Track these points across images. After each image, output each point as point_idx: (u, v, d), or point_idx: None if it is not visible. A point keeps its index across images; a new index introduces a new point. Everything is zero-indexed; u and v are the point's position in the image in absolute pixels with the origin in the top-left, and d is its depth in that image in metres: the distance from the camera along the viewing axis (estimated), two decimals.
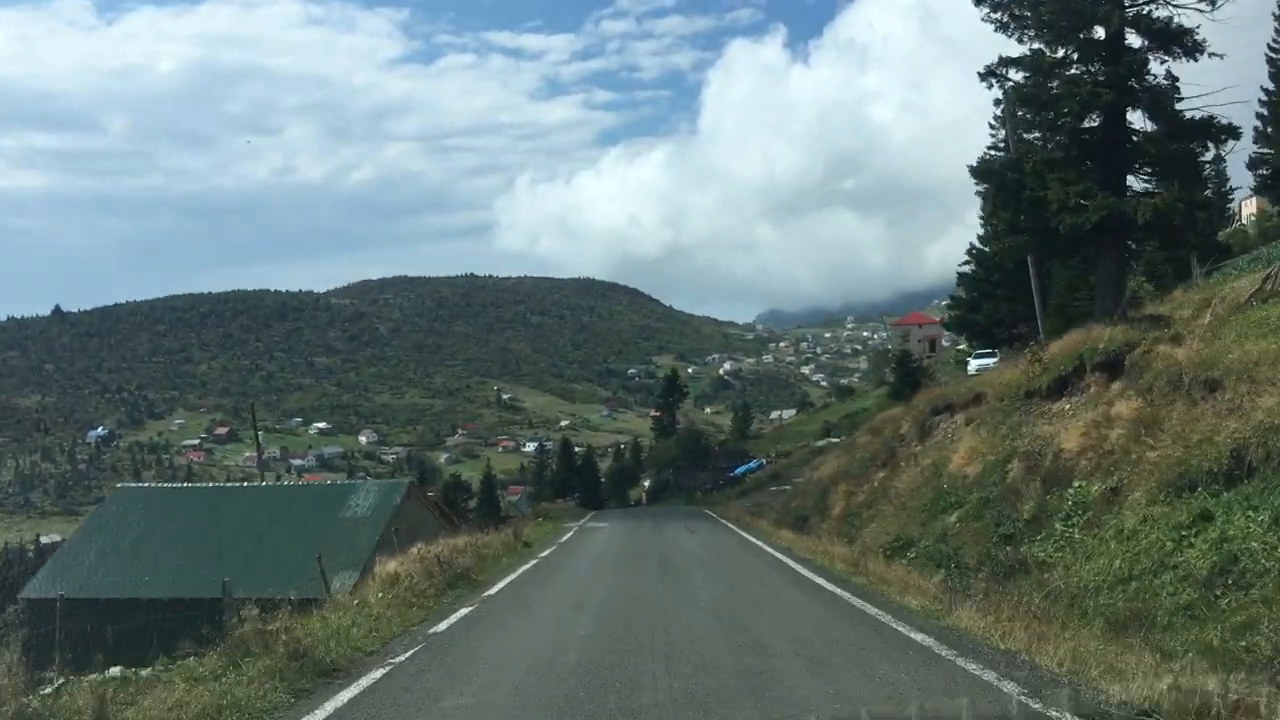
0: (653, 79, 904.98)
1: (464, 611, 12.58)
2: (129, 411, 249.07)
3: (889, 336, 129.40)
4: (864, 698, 6.93)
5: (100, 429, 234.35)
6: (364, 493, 29.56)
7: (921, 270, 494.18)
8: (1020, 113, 24.55)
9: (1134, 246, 25.09)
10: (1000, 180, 23.82)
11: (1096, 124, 23.84)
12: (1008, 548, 18.02)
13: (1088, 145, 23.77)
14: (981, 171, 25.52)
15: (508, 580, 16.17)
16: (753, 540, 24.72)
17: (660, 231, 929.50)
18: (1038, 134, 26.02)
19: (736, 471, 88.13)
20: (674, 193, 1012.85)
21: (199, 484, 66.83)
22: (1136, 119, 23.90)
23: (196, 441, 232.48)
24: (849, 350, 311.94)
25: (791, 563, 17.86)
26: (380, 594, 13.35)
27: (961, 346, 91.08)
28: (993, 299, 47.09)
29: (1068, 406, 22.51)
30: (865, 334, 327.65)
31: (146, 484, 41.02)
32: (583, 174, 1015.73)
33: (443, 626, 11.39)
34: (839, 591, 13.27)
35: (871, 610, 11.35)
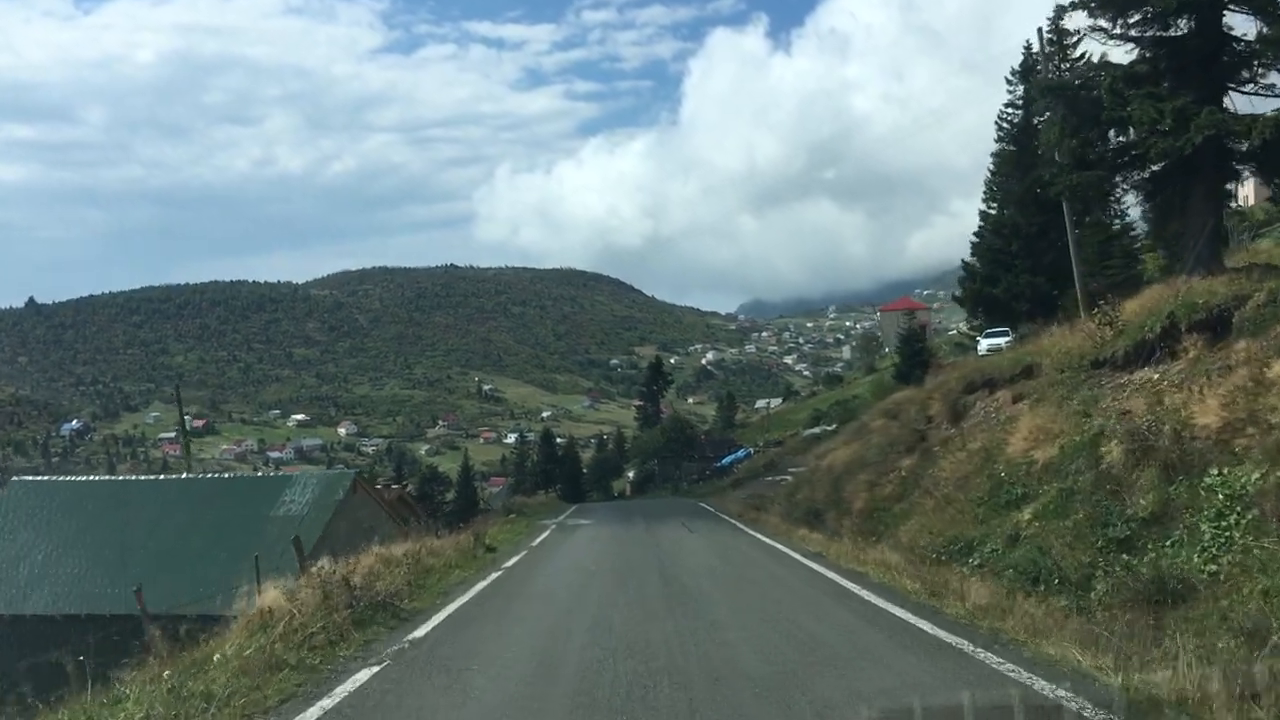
0: (634, 69, 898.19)
1: (361, 678, 7.71)
2: (104, 404, 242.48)
3: (878, 322, 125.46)
4: None
5: (75, 422, 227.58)
6: (301, 487, 24.48)
7: (902, 260, 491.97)
8: (1094, 22, 19.72)
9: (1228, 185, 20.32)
10: (1072, 99, 19.11)
11: (1188, 30, 19.12)
12: (1125, 555, 13.36)
13: (1180, 55, 19.04)
14: (1049, 88, 20.68)
15: (449, 611, 11.29)
16: (770, 542, 19.92)
17: (642, 222, 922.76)
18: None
19: (724, 461, 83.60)
20: (655, 183, 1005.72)
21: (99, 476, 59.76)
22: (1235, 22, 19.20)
23: (172, 434, 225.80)
24: (831, 340, 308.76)
25: (838, 578, 13.08)
26: (237, 644, 8.52)
27: (955, 330, 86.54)
28: (1011, 270, 42.50)
29: (1156, 375, 17.92)
30: (848, 323, 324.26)
31: (46, 476, 35.70)
32: (564, 164, 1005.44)
33: (308, 717, 6.56)
34: (949, 638, 8.44)
35: (1069, 700, 6.44)
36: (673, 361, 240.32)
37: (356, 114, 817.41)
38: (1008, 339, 42.90)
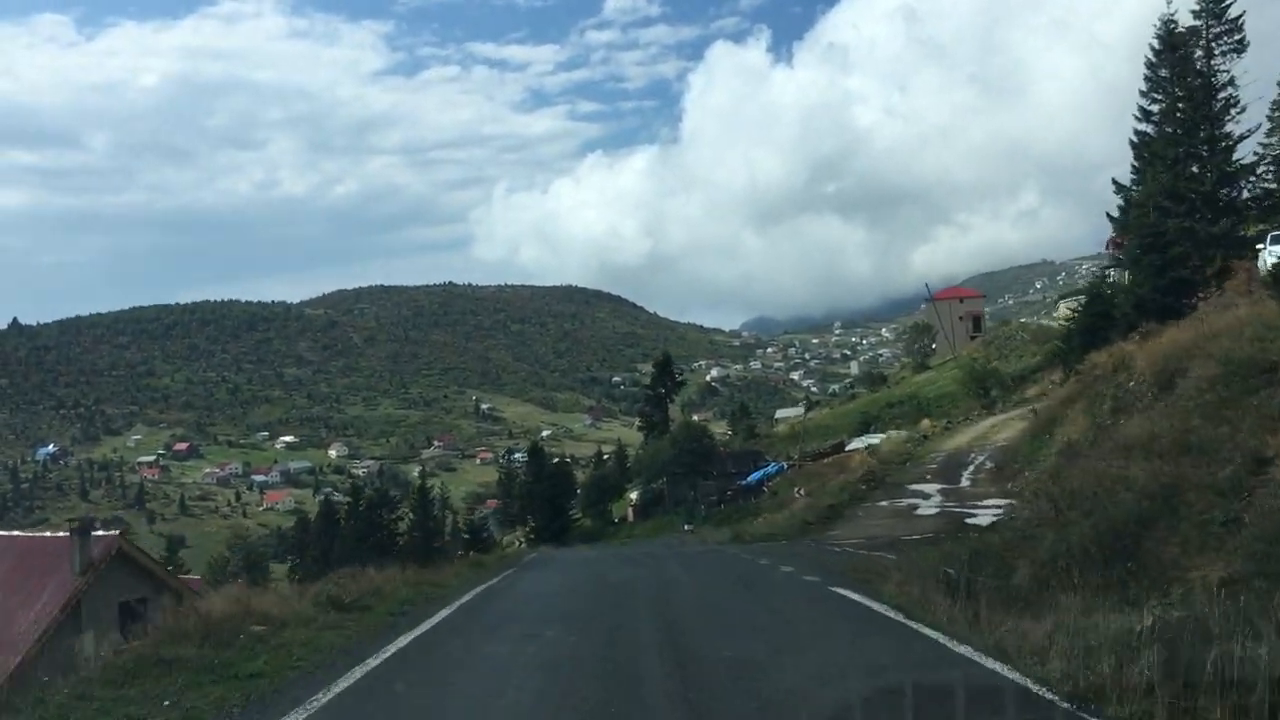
0: (638, 89, 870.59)
1: None
2: (84, 427, 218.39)
3: (926, 308, 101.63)
4: None
5: (50, 446, 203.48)
6: None
7: (907, 276, 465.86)
8: None
9: None
10: None
11: None
12: None
13: None
14: None
15: None
16: None
17: (644, 239, 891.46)
18: None
19: (750, 479, 60.28)
20: (658, 200, 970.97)
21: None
22: None
23: (152, 458, 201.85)
24: (838, 355, 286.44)
25: None
26: None
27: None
28: None
29: None
30: (853, 339, 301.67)
31: None
32: (566, 183, 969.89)
33: None
34: None
35: None
36: (677, 377, 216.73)
37: (359, 136, 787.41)
38: None
